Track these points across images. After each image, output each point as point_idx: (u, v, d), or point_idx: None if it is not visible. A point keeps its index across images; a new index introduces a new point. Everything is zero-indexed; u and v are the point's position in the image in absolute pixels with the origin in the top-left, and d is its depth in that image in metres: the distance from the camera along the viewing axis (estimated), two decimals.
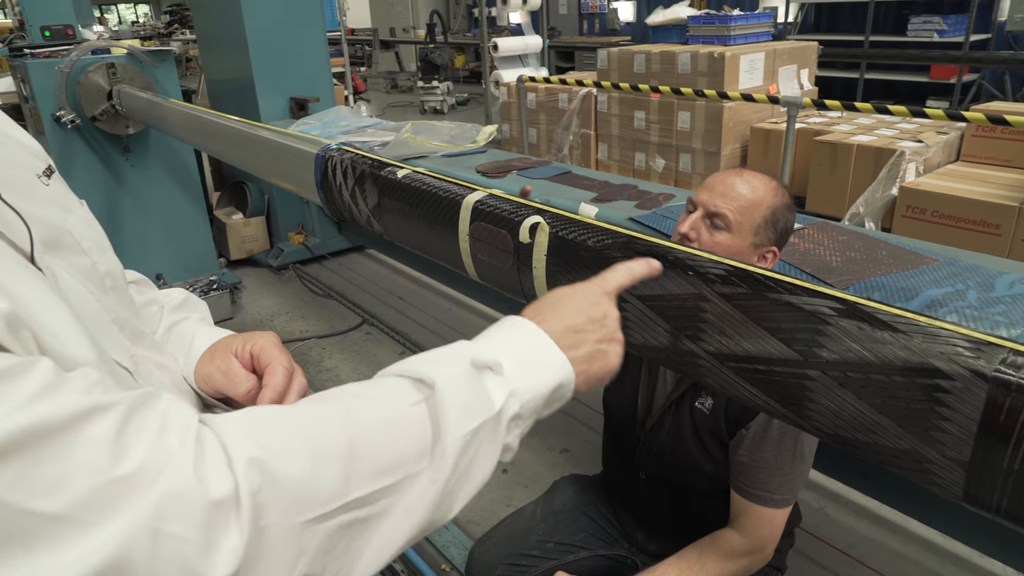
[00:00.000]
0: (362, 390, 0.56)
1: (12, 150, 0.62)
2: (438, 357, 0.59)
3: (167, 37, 13.28)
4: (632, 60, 5.11)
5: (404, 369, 0.57)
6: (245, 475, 0.44)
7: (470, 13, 13.00)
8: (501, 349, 0.60)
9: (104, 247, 0.69)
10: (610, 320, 0.65)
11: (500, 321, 0.65)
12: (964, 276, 1.48)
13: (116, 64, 3.11)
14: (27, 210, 0.55)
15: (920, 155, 3.70)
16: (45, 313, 0.49)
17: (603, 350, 0.64)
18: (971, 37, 6.49)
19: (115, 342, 0.62)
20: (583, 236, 0.83)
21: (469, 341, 0.62)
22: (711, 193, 1.21)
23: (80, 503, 0.39)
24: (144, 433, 0.43)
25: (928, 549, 1.95)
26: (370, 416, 0.53)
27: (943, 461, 0.56)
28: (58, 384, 0.42)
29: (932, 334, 0.56)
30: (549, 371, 0.61)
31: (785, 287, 0.65)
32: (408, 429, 0.53)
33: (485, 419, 0.56)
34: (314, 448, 0.48)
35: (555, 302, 0.66)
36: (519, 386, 0.59)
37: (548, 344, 0.61)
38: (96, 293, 0.62)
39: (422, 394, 0.55)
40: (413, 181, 1.12)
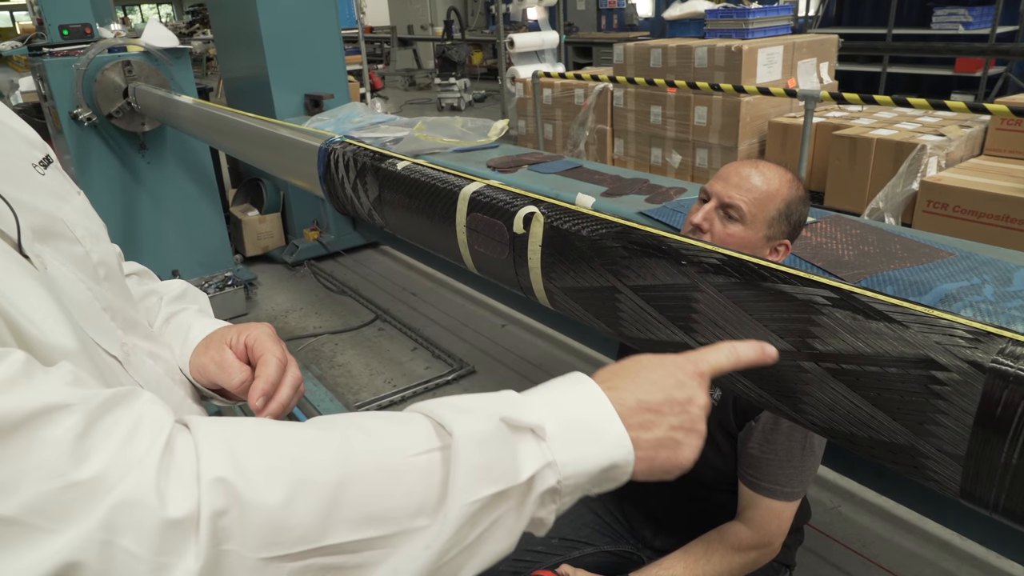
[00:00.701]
0: (373, 423, 0.51)
1: (8, 139, 0.63)
2: (473, 405, 0.53)
3: (188, 36, 13.43)
4: (648, 55, 5.07)
5: (432, 409, 0.52)
6: (210, 494, 0.41)
7: (488, 10, 12.98)
8: (551, 410, 0.53)
9: (99, 237, 0.69)
10: (694, 408, 0.56)
11: (564, 377, 0.58)
12: (980, 270, 1.45)
13: (132, 62, 3.14)
14: (17, 198, 0.55)
15: (942, 149, 3.63)
16: (25, 300, 0.49)
17: (676, 439, 0.55)
18: (997, 29, 6.35)
19: (105, 331, 0.62)
20: (578, 226, 0.82)
21: (519, 393, 0.55)
22: (726, 184, 1.19)
23: (34, 507, 0.37)
24: (112, 436, 0.41)
25: (944, 550, 1.91)
26: (370, 454, 0.48)
27: (939, 456, 0.54)
28: (22, 379, 0.41)
29: (929, 324, 0.54)
30: (604, 447, 0.52)
31: (779, 276, 0.63)
32: (410, 478, 0.48)
33: (507, 487, 0.49)
34: (296, 479, 0.44)
35: (635, 370, 0.57)
36: (562, 457, 0.51)
37: (611, 416, 0.53)
38: (87, 282, 0.62)
39: (440, 441, 0.49)
40: (412, 173, 1.11)
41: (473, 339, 3.25)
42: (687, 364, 0.57)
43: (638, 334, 0.76)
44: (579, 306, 0.83)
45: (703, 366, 0.58)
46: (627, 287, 0.75)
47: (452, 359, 3.05)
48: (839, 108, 4.53)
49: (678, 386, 0.56)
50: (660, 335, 0.73)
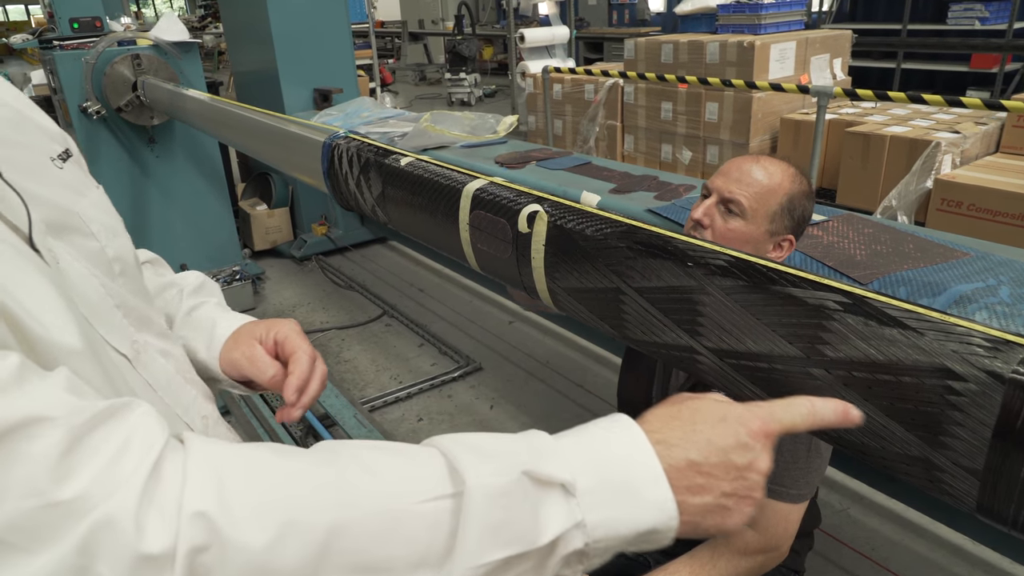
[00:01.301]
0: (379, 458, 0.46)
1: (26, 131, 0.63)
2: (497, 449, 0.47)
3: (200, 30, 13.45)
4: (659, 50, 5.03)
5: (450, 448, 0.47)
6: (189, 529, 0.38)
7: (499, 4, 12.94)
8: (586, 460, 0.47)
9: (116, 232, 0.68)
10: (754, 474, 0.49)
11: (605, 419, 0.51)
12: (997, 271, 1.41)
13: (141, 55, 3.14)
14: (31, 191, 0.55)
15: (957, 146, 3.57)
16: (30, 297, 0.48)
17: (727, 506, 0.49)
18: (1015, 24, 6.26)
19: (116, 328, 0.61)
20: (582, 225, 0.80)
21: (551, 436, 0.49)
22: (726, 179, 1.18)
23: (12, 524, 0.36)
24: (98, 455, 0.39)
25: (956, 555, 1.88)
26: (371, 496, 0.43)
27: (955, 469, 0.51)
28: (12, 386, 0.39)
29: (945, 331, 0.52)
30: (644, 510, 0.46)
31: (789, 279, 0.61)
32: (414, 526, 0.43)
33: (524, 551, 0.44)
34: (285, 519, 0.41)
35: (690, 420, 0.50)
36: (594, 517, 0.45)
37: (656, 475, 0.47)
38: (102, 277, 0.62)
39: (452, 487, 0.44)
40: (416, 169, 1.09)
41: (480, 336, 3.23)
42: (754, 421, 0.50)
43: (643, 337, 0.74)
44: (583, 307, 0.81)
45: (772, 426, 0.50)
46: (632, 288, 0.73)
47: (459, 356, 3.04)
48: (852, 104, 4.48)
49: (739, 448, 0.49)
50: (665, 338, 0.71)
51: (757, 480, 0.50)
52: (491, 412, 2.68)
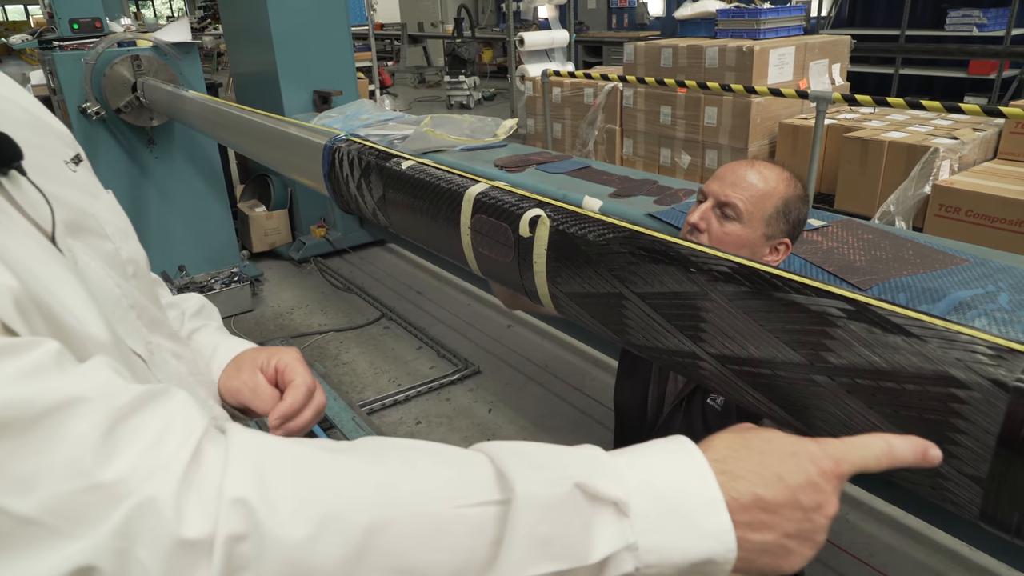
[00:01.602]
0: (426, 459, 0.45)
1: (44, 135, 0.64)
2: (548, 460, 0.46)
3: (199, 32, 13.46)
4: (659, 54, 5.04)
5: (498, 454, 0.45)
6: (228, 516, 0.38)
7: (498, 7, 12.96)
8: (643, 480, 0.45)
9: (128, 234, 0.70)
10: (821, 517, 0.46)
11: (666, 440, 0.49)
12: (996, 277, 1.42)
13: (141, 56, 3.13)
14: (52, 192, 0.55)
15: (955, 152, 3.58)
16: (62, 290, 0.48)
17: (787, 548, 0.46)
18: (1012, 31, 6.28)
19: (131, 328, 0.62)
20: (584, 230, 0.80)
21: (608, 452, 0.48)
22: (721, 183, 1.19)
23: (53, 507, 0.36)
24: (139, 436, 0.39)
25: (954, 560, 1.88)
26: (416, 497, 0.42)
27: (958, 477, 0.51)
28: (51, 368, 0.39)
29: (949, 339, 0.52)
30: (700, 539, 0.44)
31: (792, 286, 0.61)
32: (457, 532, 0.42)
33: (571, 567, 0.42)
34: (325, 514, 0.40)
35: (759, 452, 0.48)
36: (647, 542, 0.43)
37: (716, 505, 0.44)
38: (116, 278, 0.62)
39: (500, 495, 0.43)
40: (417, 172, 1.09)
41: (478, 339, 3.23)
42: (826, 461, 0.47)
43: (645, 342, 0.74)
44: (585, 312, 0.81)
45: (845, 467, 0.47)
46: (634, 294, 0.73)
47: (457, 359, 3.04)
48: (851, 110, 4.49)
49: (808, 488, 0.46)
50: (668, 343, 0.71)
51: (822, 523, 0.47)
52: (489, 415, 2.67)
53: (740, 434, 0.50)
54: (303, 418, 0.76)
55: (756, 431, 0.50)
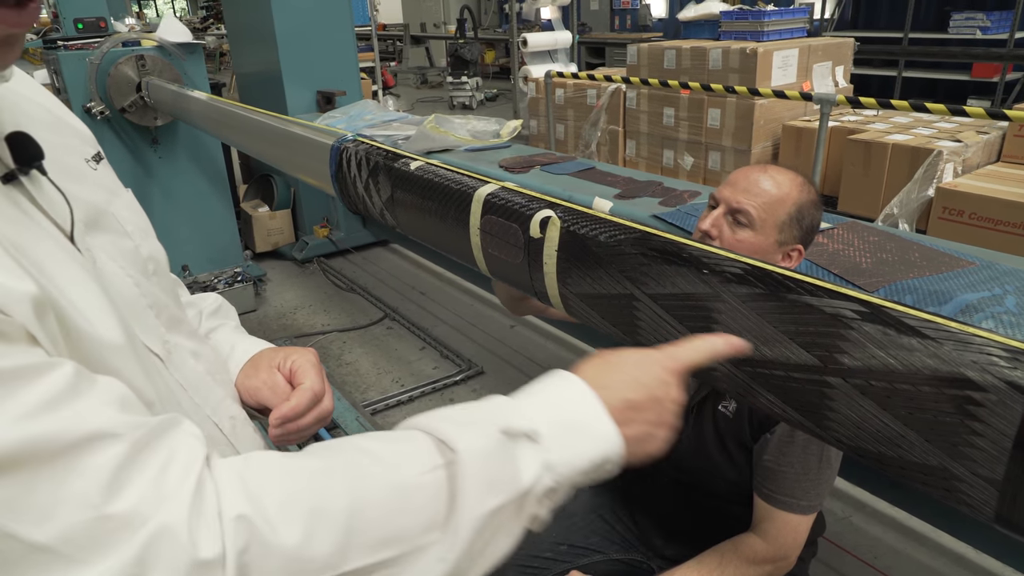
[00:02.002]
0: (377, 446, 0.51)
1: (65, 135, 0.65)
2: (469, 418, 0.54)
3: (202, 31, 13.47)
4: (662, 56, 5.04)
5: (431, 425, 0.53)
6: (233, 533, 0.42)
7: (501, 8, 12.97)
8: (543, 413, 0.55)
9: (148, 232, 0.71)
10: (670, 403, 0.59)
11: (550, 374, 0.60)
12: (1002, 280, 1.42)
13: (146, 56, 3.14)
14: (71, 191, 0.57)
15: (958, 155, 3.58)
16: (76, 293, 0.49)
17: (651, 433, 0.58)
18: (1016, 34, 6.28)
19: (149, 327, 0.62)
20: (595, 231, 0.80)
21: (509, 397, 0.57)
22: (734, 189, 1.17)
23: (69, 536, 0.37)
24: (147, 469, 0.42)
25: (959, 564, 1.88)
26: (378, 480, 0.48)
27: (973, 479, 0.51)
28: (71, 396, 0.41)
29: (964, 341, 0.52)
30: (595, 444, 0.55)
31: (805, 288, 0.61)
32: (419, 498, 0.49)
33: (510, 496, 0.51)
34: (311, 511, 0.45)
35: (618, 367, 0.60)
36: (557, 457, 0.53)
37: (600, 414, 0.56)
38: (135, 276, 0.63)
39: (443, 458, 0.50)
40: (426, 173, 1.09)
41: (482, 340, 3.23)
42: (669, 361, 0.60)
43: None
44: (595, 313, 0.81)
45: (682, 362, 0.61)
46: (645, 295, 0.73)
47: (460, 359, 3.04)
48: (854, 112, 4.49)
49: (660, 384, 0.59)
50: None
51: (672, 409, 0.59)
52: None
53: (601, 357, 0.62)
54: (303, 422, 0.76)
55: (612, 352, 0.62)
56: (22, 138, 0.53)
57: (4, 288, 0.41)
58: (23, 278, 0.43)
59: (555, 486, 0.53)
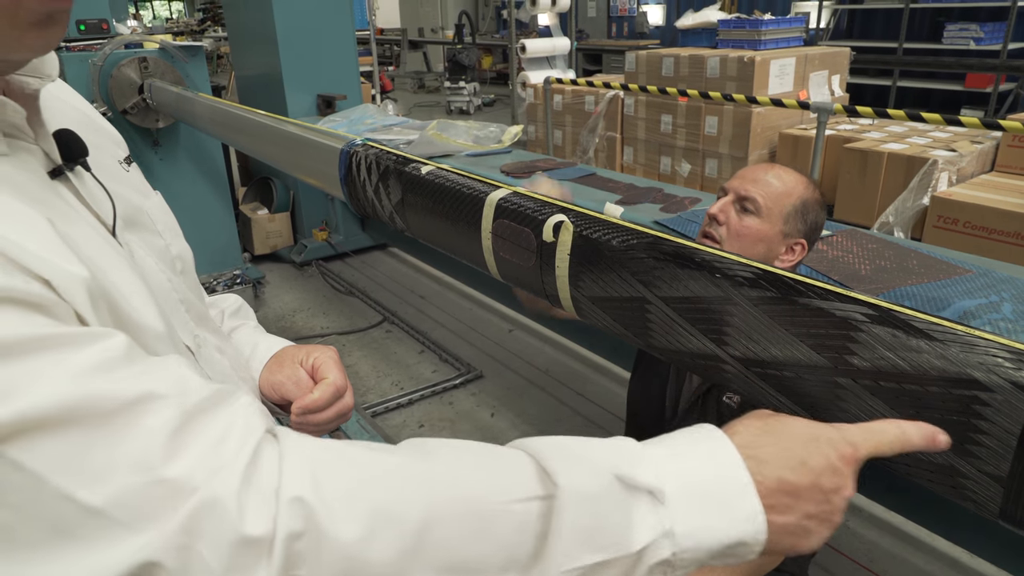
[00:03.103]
0: (470, 457, 0.46)
1: (100, 136, 0.68)
2: (586, 452, 0.47)
3: (200, 34, 13.47)
4: (660, 63, 5.08)
5: (539, 450, 0.47)
6: (287, 514, 0.39)
7: (499, 14, 13.02)
8: (676, 471, 0.47)
9: (177, 232, 0.73)
10: (839, 499, 0.49)
11: (694, 429, 0.51)
12: (999, 288, 1.44)
13: (148, 58, 3.15)
14: (111, 188, 0.59)
15: (953, 164, 3.63)
16: (122, 282, 0.50)
17: (807, 528, 0.49)
18: (1009, 45, 6.36)
19: (181, 321, 0.64)
20: (608, 236, 0.82)
21: (641, 444, 0.49)
22: (742, 179, 1.25)
23: (120, 500, 0.36)
24: (204, 436, 0.40)
25: (953, 568, 1.90)
26: (463, 493, 0.43)
27: (979, 476, 0.53)
28: (126, 361, 0.40)
29: (970, 344, 0.54)
30: (732, 523, 0.46)
31: (816, 292, 0.63)
32: (505, 527, 0.43)
33: (614, 557, 0.44)
34: (377, 512, 0.41)
35: (782, 438, 0.50)
36: (683, 527, 0.45)
37: (746, 489, 0.47)
38: (167, 272, 0.65)
39: (543, 490, 0.44)
40: (437, 178, 1.11)
41: (480, 343, 3.25)
42: (845, 447, 0.50)
43: (667, 345, 0.76)
44: (607, 316, 0.83)
45: (862, 451, 0.50)
46: (658, 298, 0.75)
47: (459, 363, 3.05)
48: (850, 121, 4.53)
49: (829, 472, 0.49)
50: (691, 346, 0.73)
51: (840, 505, 0.50)
52: (492, 419, 2.69)
53: (762, 420, 0.52)
54: (325, 415, 0.77)
55: (777, 417, 0.52)
56: (69, 135, 0.54)
57: (60, 271, 0.41)
58: (76, 264, 0.43)
59: (673, 560, 0.45)
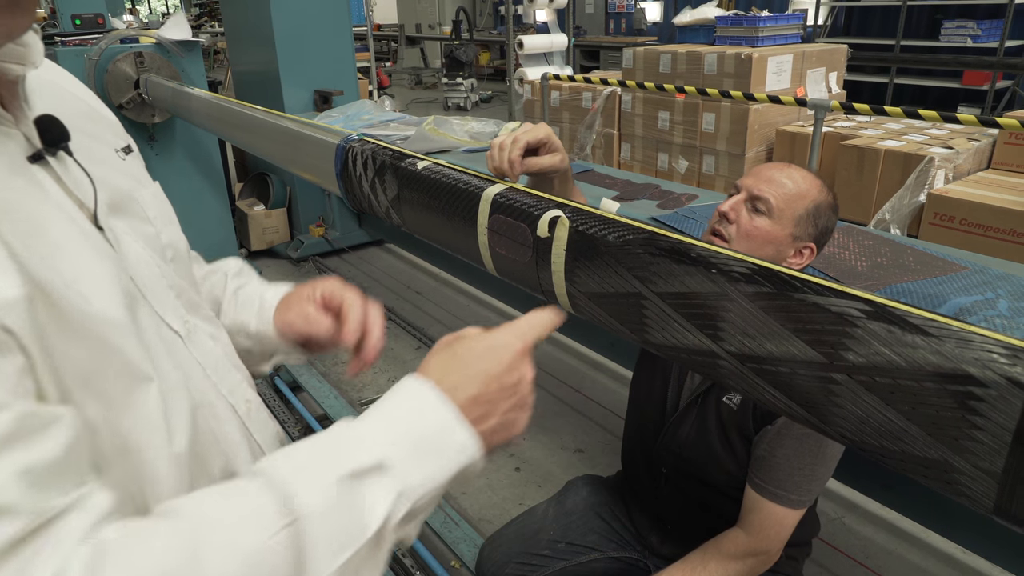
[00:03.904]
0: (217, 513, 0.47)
1: (99, 125, 0.70)
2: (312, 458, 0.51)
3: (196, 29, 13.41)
4: (658, 60, 5.07)
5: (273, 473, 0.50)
6: None
7: (496, 10, 13.00)
8: (391, 434, 0.52)
9: (170, 221, 0.74)
10: (524, 385, 0.59)
11: (399, 385, 0.57)
12: (994, 284, 1.45)
13: (144, 53, 3.14)
14: (99, 174, 0.60)
15: (950, 162, 3.63)
16: (80, 270, 0.50)
17: (510, 420, 0.58)
18: (1006, 43, 6.36)
19: (171, 307, 0.65)
20: (604, 231, 0.81)
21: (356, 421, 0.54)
22: (756, 178, 1.22)
23: None
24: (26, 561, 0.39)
25: (948, 564, 1.91)
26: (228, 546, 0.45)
27: (974, 472, 0.53)
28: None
29: (965, 339, 0.54)
30: (451, 457, 0.53)
31: (812, 287, 0.63)
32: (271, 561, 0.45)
33: (363, 543, 0.49)
34: None
35: (465, 360, 0.58)
36: (412, 482, 0.51)
37: (452, 422, 0.54)
38: (156, 259, 0.66)
39: (288, 516, 0.47)
40: (433, 173, 1.11)
41: None
42: (515, 343, 0.60)
43: (663, 341, 0.76)
44: (603, 312, 0.82)
45: (527, 341, 0.61)
46: (654, 293, 0.74)
47: None
48: (847, 118, 4.53)
49: (509, 370, 0.58)
50: (686, 342, 0.73)
51: (527, 389, 0.59)
52: None
53: (448, 348, 0.60)
54: (375, 328, 0.80)
55: (459, 340, 0.60)
56: (49, 120, 0.55)
57: None
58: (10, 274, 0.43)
59: (414, 509, 0.51)
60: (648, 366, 1.44)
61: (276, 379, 2.85)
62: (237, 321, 0.87)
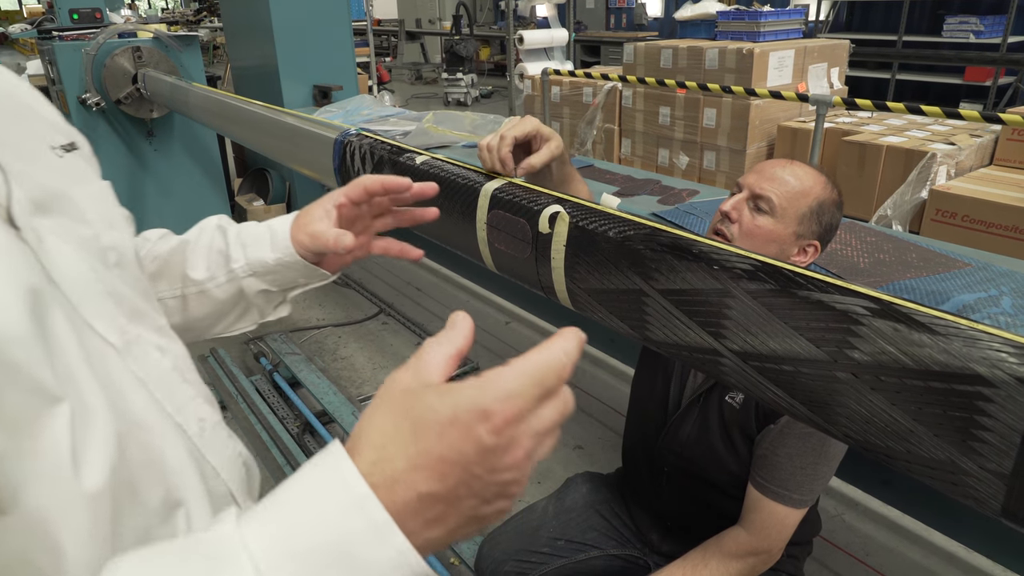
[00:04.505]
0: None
1: (27, 119, 0.65)
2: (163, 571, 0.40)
3: (195, 24, 13.38)
4: (659, 55, 5.05)
5: None
6: None
7: (496, 5, 12.96)
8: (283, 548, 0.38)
9: (113, 223, 0.69)
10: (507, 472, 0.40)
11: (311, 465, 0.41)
12: (998, 281, 1.43)
13: (142, 48, 3.12)
14: (20, 170, 0.55)
15: (952, 158, 3.61)
16: None
17: (482, 515, 0.41)
18: (1009, 39, 6.33)
19: (104, 315, 0.59)
20: (604, 227, 0.80)
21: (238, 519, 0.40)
22: (759, 176, 1.19)
23: None
24: None
25: (950, 562, 1.90)
26: None
27: (981, 473, 0.52)
28: None
29: (973, 338, 0.53)
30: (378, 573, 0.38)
31: (816, 284, 0.62)
32: None
33: None
34: None
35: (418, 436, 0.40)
36: None
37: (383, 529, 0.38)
38: (93, 263, 0.61)
39: None
40: (432, 168, 1.10)
41: (477, 335, 3.22)
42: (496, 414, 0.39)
43: (664, 338, 0.75)
44: (603, 308, 0.81)
45: (519, 405, 0.40)
46: (655, 290, 0.73)
47: None
48: (848, 114, 4.52)
49: (479, 456, 0.39)
50: (688, 340, 0.71)
51: (510, 475, 0.41)
52: None
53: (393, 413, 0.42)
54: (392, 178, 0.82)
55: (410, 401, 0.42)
56: None
57: None
58: None
59: None
60: (650, 364, 1.42)
61: (275, 375, 2.85)
62: (252, 260, 0.85)
